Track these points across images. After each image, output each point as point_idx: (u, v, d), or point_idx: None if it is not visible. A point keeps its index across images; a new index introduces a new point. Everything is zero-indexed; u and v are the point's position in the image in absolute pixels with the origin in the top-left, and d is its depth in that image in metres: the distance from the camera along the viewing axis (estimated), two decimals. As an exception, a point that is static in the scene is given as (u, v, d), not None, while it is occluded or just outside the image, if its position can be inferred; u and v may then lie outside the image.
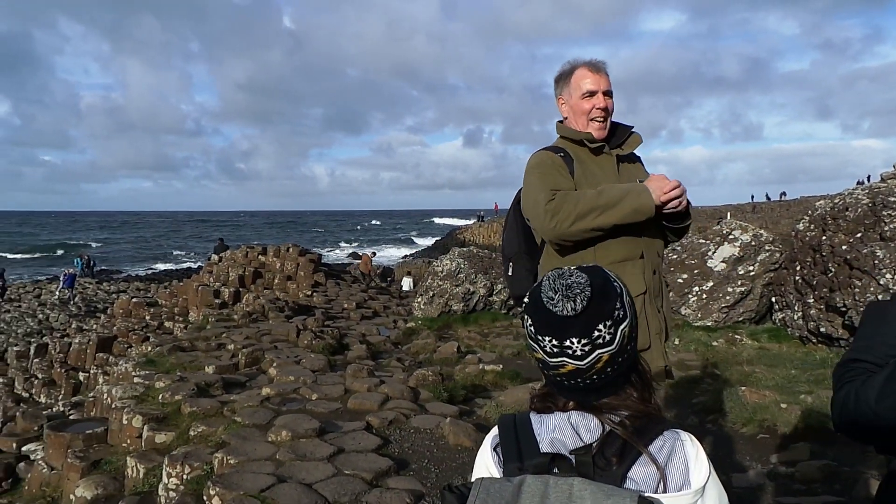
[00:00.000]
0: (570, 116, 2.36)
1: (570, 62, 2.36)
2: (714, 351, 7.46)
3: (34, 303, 23.32)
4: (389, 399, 5.39)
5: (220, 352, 7.70)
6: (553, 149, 2.35)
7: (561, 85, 2.38)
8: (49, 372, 13.12)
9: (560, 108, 2.41)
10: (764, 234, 9.47)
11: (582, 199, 2.13)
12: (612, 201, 2.10)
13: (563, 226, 2.12)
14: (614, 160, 2.35)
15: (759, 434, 4.78)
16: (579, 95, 2.29)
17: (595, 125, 2.30)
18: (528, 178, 2.31)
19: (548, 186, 2.19)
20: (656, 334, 2.25)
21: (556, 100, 2.42)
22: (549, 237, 2.21)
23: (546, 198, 2.16)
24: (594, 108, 2.28)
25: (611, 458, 1.04)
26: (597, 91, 2.28)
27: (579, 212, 2.10)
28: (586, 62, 2.33)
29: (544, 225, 2.17)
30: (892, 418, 1.14)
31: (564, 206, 2.12)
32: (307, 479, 3.73)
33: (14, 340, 16.78)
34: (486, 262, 11.50)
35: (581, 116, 2.31)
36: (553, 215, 2.13)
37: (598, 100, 2.28)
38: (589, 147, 2.32)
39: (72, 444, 5.42)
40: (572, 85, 2.32)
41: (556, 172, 2.25)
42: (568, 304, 1.06)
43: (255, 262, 16.47)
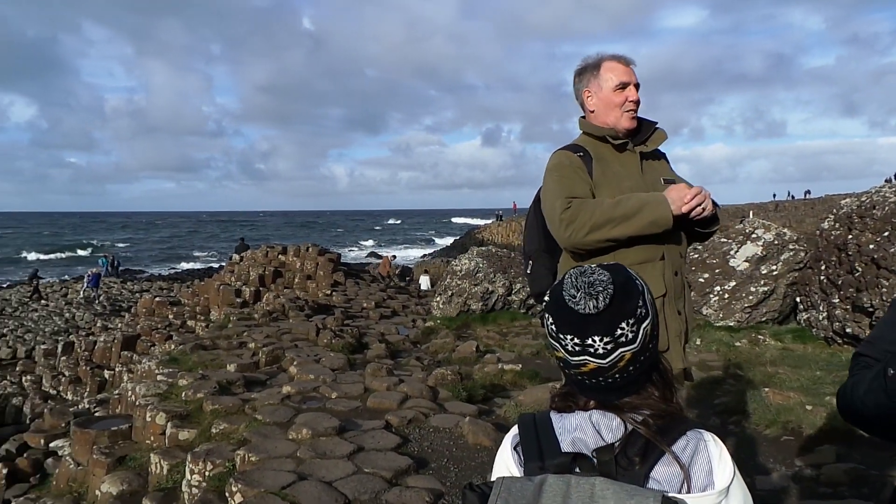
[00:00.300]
0: (598, 109, 2.29)
1: (596, 55, 2.31)
2: (736, 351, 7.36)
3: (61, 302, 23.79)
4: (409, 398, 5.41)
5: (241, 350, 7.78)
6: (573, 147, 2.30)
7: (587, 77, 2.31)
8: (75, 370, 13.38)
9: (586, 102, 2.33)
10: (788, 232, 9.33)
11: (598, 209, 2.09)
12: (628, 213, 2.07)
13: (578, 236, 2.10)
14: (638, 158, 2.30)
15: (783, 436, 4.71)
16: (611, 87, 2.24)
17: (626, 117, 2.25)
18: (546, 180, 2.28)
19: (564, 193, 2.16)
20: (675, 336, 2.21)
21: (582, 92, 2.33)
22: (563, 245, 2.20)
23: (562, 206, 2.13)
24: (627, 100, 2.23)
25: (633, 458, 1.03)
26: (629, 83, 2.24)
27: (594, 222, 2.08)
28: (614, 54, 2.28)
29: (559, 234, 2.16)
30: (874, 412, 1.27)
31: (580, 215, 2.09)
32: (327, 477, 3.75)
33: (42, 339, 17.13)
34: (505, 262, 11.47)
35: (614, 109, 2.25)
36: (568, 224, 2.11)
37: (631, 92, 2.24)
38: (612, 144, 2.27)
39: (97, 440, 5.52)
40: (602, 76, 2.26)
41: (573, 176, 2.20)
42: (590, 302, 1.05)
43: (275, 262, 16.62)
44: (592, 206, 2.11)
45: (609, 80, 2.24)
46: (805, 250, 8.74)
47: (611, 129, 2.27)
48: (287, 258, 16.75)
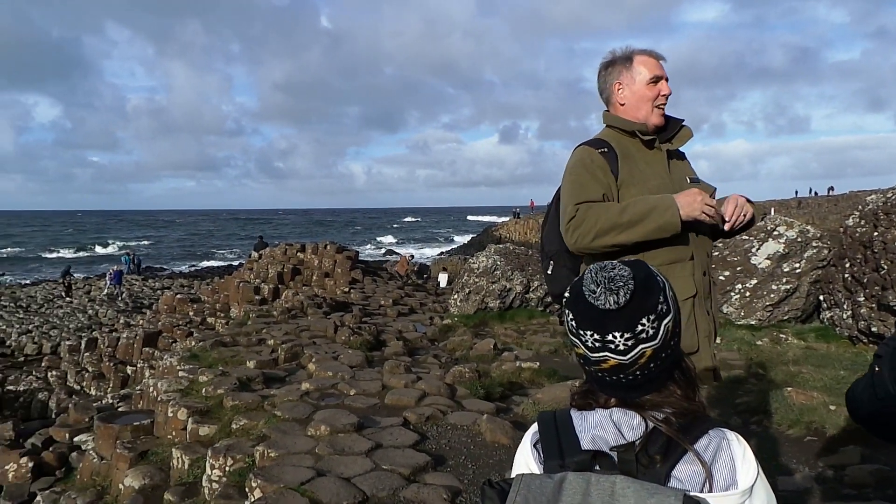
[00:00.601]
0: (629, 103, 2.24)
1: (626, 47, 2.28)
2: (758, 350, 7.27)
3: (84, 299, 24.19)
4: (426, 395, 5.41)
5: (260, 347, 7.85)
6: (596, 143, 2.23)
7: (618, 69, 2.26)
8: (99, 365, 13.59)
9: (616, 94, 2.26)
10: (811, 229, 9.18)
11: (604, 214, 2.06)
12: (634, 219, 2.04)
13: (584, 241, 2.08)
14: (665, 156, 2.26)
15: (807, 436, 4.64)
16: (644, 81, 2.20)
17: (657, 114, 2.22)
18: (564, 179, 2.25)
19: (574, 198, 2.13)
20: (705, 337, 2.18)
21: (612, 85, 2.27)
22: (573, 250, 2.18)
23: (571, 211, 2.11)
24: (660, 94, 2.21)
25: (655, 456, 1.02)
26: (662, 76, 2.21)
27: (599, 229, 2.05)
28: (645, 49, 2.26)
29: (566, 239, 2.14)
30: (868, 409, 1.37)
31: (586, 221, 2.07)
32: (346, 474, 3.77)
33: (66, 335, 17.42)
34: (523, 259, 11.43)
35: (646, 103, 2.21)
36: (574, 230, 2.09)
37: (664, 86, 2.21)
38: (642, 139, 2.23)
39: (120, 435, 5.60)
40: (635, 69, 2.22)
41: (589, 177, 2.16)
42: (610, 297, 1.04)
43: (293, 260, 16.74)
44: (597, 212, 2.07)
45: (642, 73, 2.21)
46: (829, 248, 8.59)
47: (641, 124, 2.22)
48: (305, 256, 16.86)
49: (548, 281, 2.51)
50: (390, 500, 3.54)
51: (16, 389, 13.06)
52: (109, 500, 5.13)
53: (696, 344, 2.13)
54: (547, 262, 2.50)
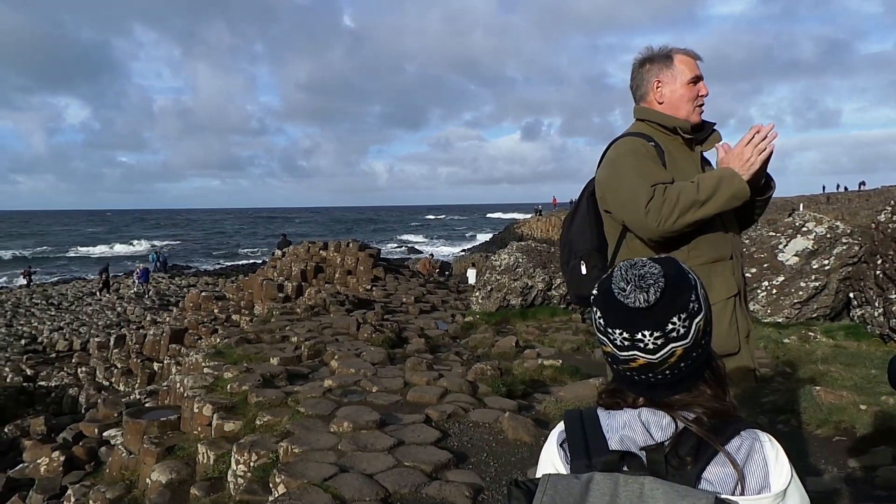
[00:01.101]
0: (669, 101, 2.21)
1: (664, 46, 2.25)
2: (785, 348, 7.14)
3: (113, 296, 24.66)
4: (448, 392, 5.42)
5: (283, 344, 7.93)
6: (641, 135, 2.19)
7: (658, 66, 2.21)
8: (127, 362, 13.85)
9: (654, 92, 2.22)
10: (841, 225, 8.98)
11: (682, 193, 2.01)
12: (709, 192, 1.99)
13: (667, 224, 2.00)
14: (699, 158, 2.23)
15: (835, 436, 4.55)
16: (685, 80, 2.18)
17: (698, 112, 2.21)
18: (619, 166, 2.14)
19: (647, 180, 2.05)
20: (745, 337, 2.13)
21: (651, 82, 2.22)
22: (650, 235, 2.08)
23: (647, 194, 2.03)
24: (699, 94, 2.20)
25: (685, 457, 1.00)
26: (701, 78, 2.20)
27: (682, 207, 1.99)
28: (683, 48, 2.24)
29: (647, 223, 2.03)
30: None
31: (666, 202, 2.00)
32: (368, 470, 3.79)
33: (95, 332, 17.78)
34: (545, 257, 11.38)
35: (686, 103, 2.19)
36: (656, 213, 2.01)
37: (703, 87, 2.20)
38: (683, 137, 2.20)
39: (148, 430, 5.70)
40: (676, 68, 2.19)
41: (652, 163, 2.11)
42: (640, 295, 1.02)
43: (316, 257, 16.87)
44: (676, 192, 2.02)
45: (684, 72, 2.19)
46: (860, 244, 8.40)
47: (684, 121, 2.19)
48: (328, 253, 16.98)
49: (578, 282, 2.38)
50: (412, 496, 3.55)
51: (47, 385, 13.37)
52: (137, 493, 5.23)
53: (737, 344, 2.08)
54: (577, 261, 2.39)
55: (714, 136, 2.28)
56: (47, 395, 12.92)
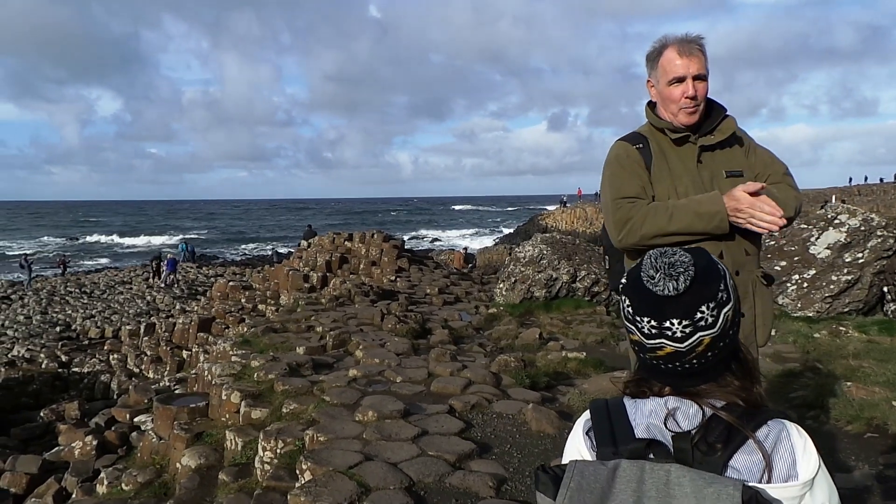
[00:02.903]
0: (659, 102, 2.21)
1: (662, 39, 2.17)
2: (815, 343, 7.00)
3: (143, 286, 25.18)
4: (472, 383, 5.44)
5: (309, 334, 8.02)
6: (633, 138, 2.24)
7: (650, 66, 2.21)
8: (156, 349, 14.16)
9: (650, 92, 2.26)
10: (875, 218, 8.76)
11: (651, 218, 2.05)
12: (681, 228, 2.02)
13: (627, 242, 2.11)
14: (696, 151, 2.18)
15: (867, 433, 4.46)
16: (667, 81, 2.10)
17: (683, 113, 2.12)
18: (603, 173, 2.26)
19: (616, 193, 2.14)
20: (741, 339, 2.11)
21: (647, 82, 2.26)
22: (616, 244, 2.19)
23: (614, 207, 2.12)
24: (683, 95, 2.08)
25: (714, 445, 1.00)
26: (685, 76, 2.07)
27: (646, 232, 2.05)
28: (677, 41, 2.11)
29: (612, 236, 2.17)
30: None
31: (632, 220, 2.07)
32: (392, 459, 3.83)
33: (126, 320, 18.19)
34: (569, 248, 11.30)
35: (670, 104, 2.13)
36: (620, 228, 2.10)
37: (687, 87, 2.07)
38: (670, 137, 2.19)
39: (177, 416, 5.83)
40: (660, 69, 2.13)
41: (625, 172, 2.16)
42: (670, 283, 1.02)
43: (341, 248, 17.00)
44: (645, 214, 2.06)
45: (665, 73, 2.11)
46: (895, 237, 8.19)
47: (668, 122, 2.18)
48: (353, 244, 17.10)
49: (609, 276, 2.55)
50: (436, 485, 3.58)
51: (81, 371, 13.75)
52: (168, 478, 5.36)
53: None
54: (604, 257, 2.54)
55: (727, 122, 2.20)
56: (80, 381, 13.29)
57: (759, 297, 2.21)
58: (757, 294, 2.20)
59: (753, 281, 2.19)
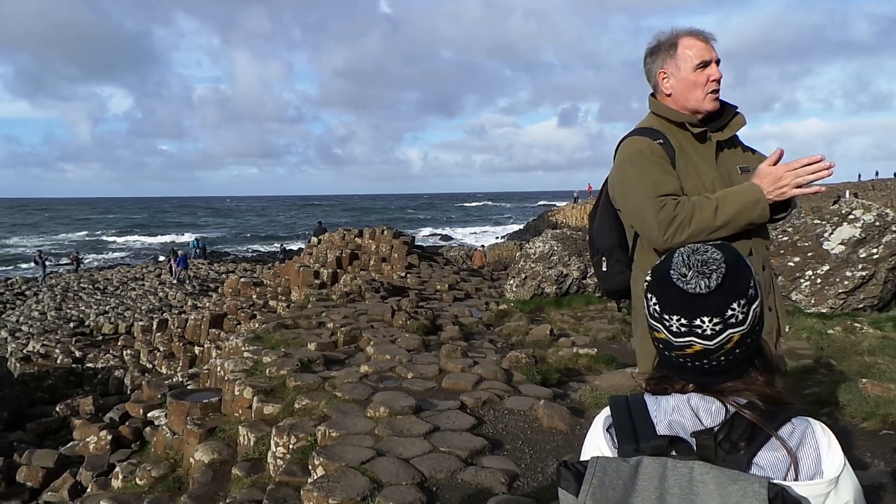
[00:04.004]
0: (676, 92, 2.11)
1: (669, 31, 2.12)
2: (829, 340, 6.94)
3: (155, 282, 25.37)
4: (483, 380, 5.44)
5: (320, 330, 8.06)
6: (650, 133, 2.10)
7: (662, 57, 2.11)
8: (169, 345, 14.27)
9: (662, 84, 2.13)
10: (890, 213, 8.66)
11: (697, 213, 1.94)
12: (727, 219, 1.93)
13: (676, 240, 1.94)
14: (714, 147, 2.12)
15: (883, 430, 4.42)
16: (691, 67, 2.05)
17: (709, 99, 2.07)
18: (624, 170, 2.07)
19: (653, 190, 1.98)
20: (767, 333, 2.09)
21: (657, 74, 2.14)
22: (657, 247, 2.03)
23: (655, 205, 1.96)
24: (710, 79, 2.04)
25: (738, 442, 1.00)
26: (710, 60, 2.05)
27: (694, 229, 1.93)
28: (690, 30, 2.08)
29: (654, 237, 1.99)
30: None
31: (677, 219, 1.94)
32: (404, 455, 3.84)
33: (139, 316, 18.34)
34: (580, 244, 11.27)
35: (696, 90, 2.06)
36: (665, 228, 1.94)
37: (713, 70, 2.05)
38: (692, 132, 2.10)
39: (191, 412, 5.88)
40: (680, 56, 2.07)
41: (658, 169, 2.02)
42: (702, 281, 1.02)
43: (351, 245, 17.05)
44: (690, 211, 1.95)
45: (688, 58, 2.05)
46: (910, 232, 8.10)
47: (691, 115, 2.10)
48: (363, 241, 17.14)
49: (601, 278, 2.35)
50: (448, 481, 3.59)
51: (94, 367, 13.89)
52: (181, 472, 5.41)
53: None
54: (599, 257, 2.35)
55: (737, 119, 2.17)
56: (94, 377, 13.44)
57: (776, 289, 2.20)
58: (775, 286, 2.19)
59: (772, 274, 2.18)
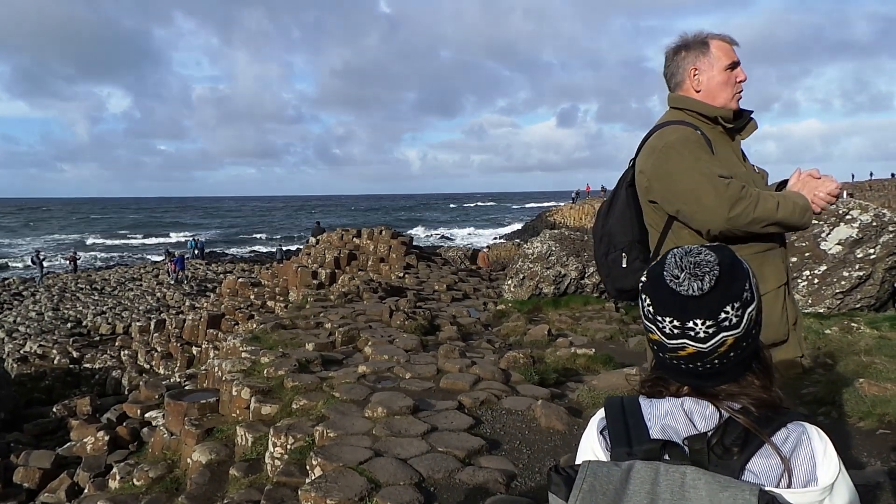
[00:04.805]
0: (707, 89, 2.16)
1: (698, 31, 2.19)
2: (826, 339, 6.95)
3: (153, 282, 25.33)
4: (481, 380, 5.44)
5: (318, 330, 8.05)
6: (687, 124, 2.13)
7: (694, 53, 2.16)
8: (167, 345, 14.25)
9: (691, 80, 2.16)
10: (887, 213, 8.68)
11: (762, 204, 1.98)
12: (785, 217, 2.00)
13: (741, 220, 1.96)
14: (739, 146, 2.19)
15: (879, 429, 4.43)
16: (723, 66, 2.13)
17: (736, 99, 2.16)
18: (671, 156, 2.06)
19: (711, 170, 2.00)
20: (793, 325, 2.10)
21: (687, 70, 2.17)
22: (716, 226, 2.00)
23: (719, 184, 1.97)
24: (737, 80, 2.15)
25: (731, 448, 0.98)
26: (738, 63, 2.15)
27: (757, 216, 1.96)
28: (718, 34, 2.18)
29: (717, 213, 1.97)
30: None
31: (745, 199, 1.96)
32: (402, 455, 3.84)
33: (137, 316, 18.30)
34: (578, 245, 11.27)
35: (726, 88, 2.14)
36: (733, 205, 1.95)
37: (740, 72, 2.15)
38: (724, 126, 2.15)
39: (188, 412, 5.87)
40: (713, 54, 2.14)
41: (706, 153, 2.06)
42: (695, 283, 1.00)
43: (349, 245, 17.04)
44: (755, 198, 1.99)
45: (720, 58, 2.14)
46: (907, 232, 8.12)
47: (725, 111, 2.15)
48: (361, 241, 17.13)
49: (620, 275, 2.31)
50: (446, 481, 3.59)
51: (92, 367, 13.86)
52: (179, 473, 5.40)
53: (786, 332, 2.05)
54: (617, 254, 2.32)
55: (751, 125, 2.23)
56: (92, 377, 13.40)
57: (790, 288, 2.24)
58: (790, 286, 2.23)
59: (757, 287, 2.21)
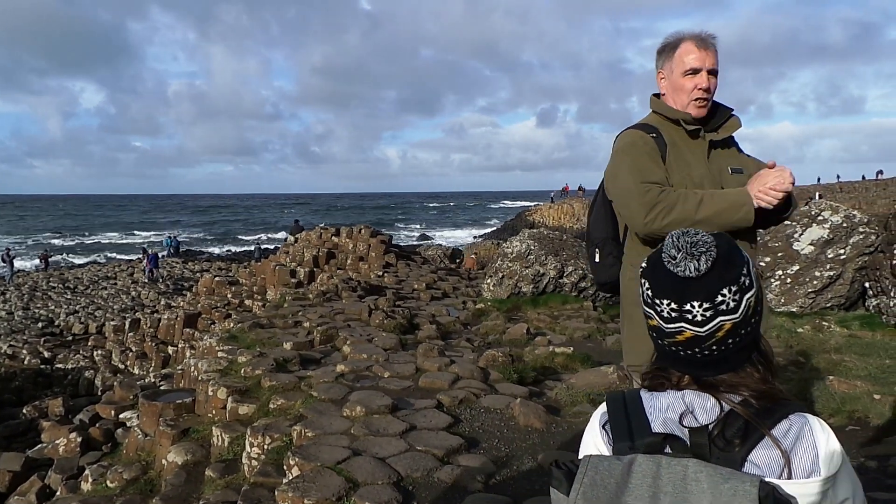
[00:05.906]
0: (668, 93, 2.21)
1: (677, 34, 2.21)
2: (799, 338, 7.10)
3: (128, 281, 24.93)
4: (460, 378, 5.45)
5: (296, 329, 7.99)
6: (644, 127, 2.22)
7: (664, 58, 2.22)
8: (142, 345, 14.03)
9: (659, 83, 2.25)
10: (857, 214, 8.88)
11: (680, 205, 2.01)
12: (707, 215, 2.00)
13: (654, 226, 2.03)
14: (706, 146, 2.21)
15: (849, 426, 4.54)
16: (681, 72, 2.14)
17: (694, 105, 2.15)
18: (617, 160, 2.19)
19: (640, 176, 2.08)
20: None
21: (657, 73, 2.26)
22: (638, 231, 2.11)
23: (640, 190, 2.05)
24: (696, 87, 2.13)
25: (733, 440, 0.99)
26: (700, 69, 2.12)
27: (674, 218, 2.00)
28: (694, 35, 2.17)
29: (636, 219, 2.07)
30: None
31: (659, 205, 2.02)
32: (381, 454, 3.83)
33: (111, 315, 18.00)
34: (557, 244, 11.35)
35: (681, 95, 2.16)
36: (647, 211, 2.02)
37: (701, 79, 2.12)
38: (685, 129, 2.19)
39: (163, 412, 5.79)
40: (675, 59, 2.17)
41: (647, 158, 2.12)
42: (691, 263, 1.00)
43: (328, 243, 16.94)
44: (673, 201, 2.03)
45: (680, 64, 2.15)
46: (876, 233, 8.31)
47: (685, 113, 2.18)
48: (340, 240, 17.04)
49: (594, 269, 2.45)
50: (424, 480, 3.59)
51: (64, 367, 13.60)
52: (153, 474, 5.32)
53: None
54: (593, 249, 2.43)
55: (732, 121, 2.26)
56: (64, 378, 13.14)
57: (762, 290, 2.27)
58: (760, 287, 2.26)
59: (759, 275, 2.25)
